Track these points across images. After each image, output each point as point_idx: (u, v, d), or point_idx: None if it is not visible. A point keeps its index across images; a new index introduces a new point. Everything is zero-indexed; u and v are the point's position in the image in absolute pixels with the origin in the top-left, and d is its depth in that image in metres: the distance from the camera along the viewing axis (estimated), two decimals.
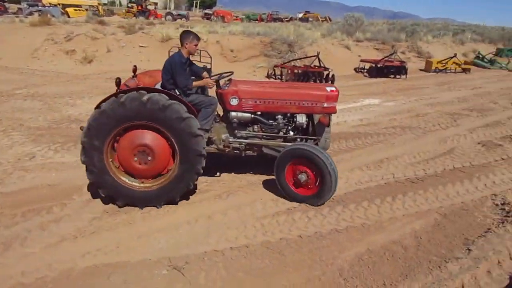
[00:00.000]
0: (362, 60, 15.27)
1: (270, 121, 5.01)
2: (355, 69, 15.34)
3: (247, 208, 4.42)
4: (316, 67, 12.84)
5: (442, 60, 16.37)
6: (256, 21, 43.93)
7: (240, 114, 4.91)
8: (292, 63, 13.51)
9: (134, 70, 4.99)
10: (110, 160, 4.17)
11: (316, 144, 4.90)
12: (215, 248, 3.62)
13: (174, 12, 41.38)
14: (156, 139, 4.15)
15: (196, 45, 4.76)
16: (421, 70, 16.50)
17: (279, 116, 5.01)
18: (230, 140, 4.90)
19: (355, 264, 3.49)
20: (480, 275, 3.38)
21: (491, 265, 3.53)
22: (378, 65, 14.44)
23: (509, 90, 12.87)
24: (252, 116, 4.94)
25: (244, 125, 5.01)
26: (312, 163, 4.35)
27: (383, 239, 3.93)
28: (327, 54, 15.39)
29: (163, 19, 34.13)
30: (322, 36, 18.55)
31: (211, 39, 15.11)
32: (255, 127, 5.05)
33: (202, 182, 4.95)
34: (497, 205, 4.82)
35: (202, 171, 4.20)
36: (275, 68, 13.19)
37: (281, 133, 5.03)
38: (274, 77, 13.14)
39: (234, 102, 4.84)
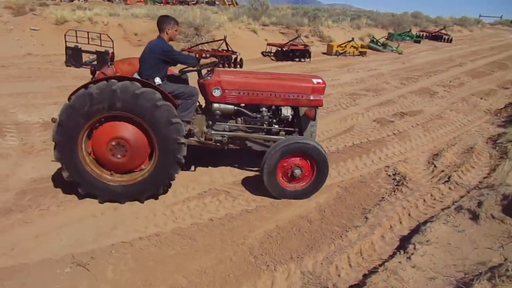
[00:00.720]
0: (268, 44, 15.58)
1: (254, 113, 4.80)
2: (262, 53, 15.61)
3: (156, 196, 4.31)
4: (224, 51, 12.82)
5: (341, 44, 17.39)
6: (161, 4, 42.33)
7: (223, 105, 4.69)
8: (200, 47, 13.32)
9: (112, 57, 4.49)
10: (85, 155, 3.95)
11: None
12: (123, 240, 3.49)
13: None
14: (133, 131, 3.94)
15: (176, 31, 4.59)
16: (323, 53, 17.37)
17: (264, 109, 4.81)
18: (212, 132, 4.69)
19: (265, 242, 3.62)
20: (375, 240, 3.73)
21: (384, 230, 3.91)
22: (284, 49, 14.87)
23: (399, 71, 14.17)
24: (236, 108, 4.73)
25: (227, 117, 4.79)
26: (310, 156, 4.31)
27: (291, 215, 4.13)
28: (234, 38, 15.44)
29: None
30: (229, 20, 18.50)
31: (113, 22, 14.23)
32: (239, 119, 4.84)
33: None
34: (389, 175, 5.34)
35: (183, 160, 4.01)
36: (182, 52, 12.88)
37: (265, 126, 4.84)
38: None
39: (217, 93, 4.60)
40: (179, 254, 3.36)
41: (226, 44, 12.79)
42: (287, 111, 4.80)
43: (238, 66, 12.73)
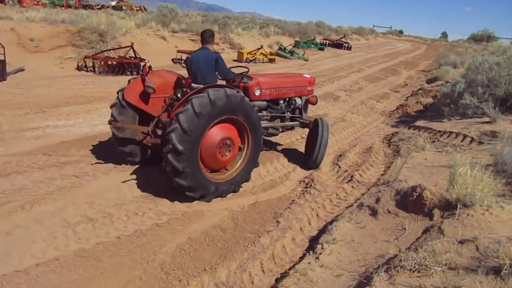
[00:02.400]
0: (179, 51, 15.36)
1: (276, 106, 6.00)
2: (172, 60, 15.35)
3: (57, 216, 3.97)
4: (132, 58, 12.35)
5: (251, 51, 17.81)
6: (62, 7, 39.55)
7: (260, 102, 5.66)
8: (105, 54, 12.66)
9: (147, 72, 5.02)
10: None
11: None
12: (17, 268, 3.14)
13: None
14: (233, 131, 4.71)
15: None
16: (234, 60, 17.59)
17: (281, 101, 6.09)
18: None
19: (177, 256, 3.52)
20: (287, 243, 3.84)
21: (295, 232, 4.04)
22: None
23: None
24: (266, 103, 5.81)
25: (259, 111, 5.51)
26: None
27: (204, 226, 4.09)
28: (143, 45, 14.98)
29: None
30: (136, 26, 17.88)
31: (4, 26, 12.89)
32: (264, 112, 5.84)
33: None
34: (299, 179, 5.55)
35: None
36: (85, 59, 12.13)
37: (286, 115, 6.16)
38: (85, 69, 12.08)
39: (257, 92, 5.57)
40: (82, 278, 3.11)
41: (134, 51, 12.34)
42: (299, 101, 6.27)
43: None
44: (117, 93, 5.10)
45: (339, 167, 5.98)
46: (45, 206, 4.11)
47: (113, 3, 50.04)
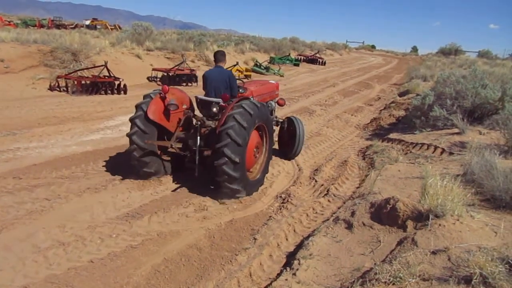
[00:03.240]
0: (154, 69, 15.33)
1: None
2: (148, 78, 15.29)
3: (26, 242, 3.84)
4: (106, 77, 12.24)
5: (227, 68, 17.92)
6: (35, 27, 38.99)
7: None
8: (78, 74, 12.50)
9: (166, 90, 5.44)
10: None
11: None
12: None
13: None
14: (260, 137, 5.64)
15: None
16: None
17: None
18: None
19: (152, 278, 3.45)
20: (264, 260, 3.82)
21: (272, 249, 4.03)
22: (170, 74, 14.77)
23: (281, 92, 14.84)
24: None
25: None
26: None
27: (179, 246, 4.03)
28: (117, 64, 14.87)
29: None
30: (111, 45, 17.78)
31: None
32: None
33: None
34: (276, 195, 5.56)
35: None
36: (58, 79, 11.94)
37: None
38: (58, 89, 11.87)
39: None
40: None
41: (108, 70, 12.24)
42: (273, 104, 7.06)
43: (122, 92, 12.24)
44: (137, 107, 5.40)
45: (316, 181, 6.02)
46: (14, 232, 3.98)
47: (87, 22, 49.82)
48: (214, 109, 5.35)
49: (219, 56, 5.80)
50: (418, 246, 3.20)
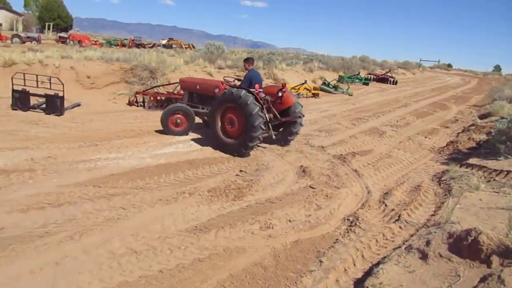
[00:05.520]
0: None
1: None
2: None
3: (103, 247, 4.07)
4: (179, 94, 12.83)
5: (295, 86, 17.99)
6: (118, 47, 42.32)
7: None
8: (155, 90, 13.26)
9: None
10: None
11: None
12: None
13: (22, 35, 37.24)
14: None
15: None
16: None
17: None
18: None
19: None
20: (330, 285, 3.69)
21: (339, 273, 3.88)
22: None
23: (349, 112, 14.76)
24: None
25: None
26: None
27: (245, 262, 4.03)
28: None
29: (9, 41, 30.44)
30: (185, 63, 18.71)
31: (65, 64, 13.93)
32: None
33: (50, 223, 4.43)
34: (343, 216, 5.39)
35: None
36: (136, 95, 12.77)
37: None
38: (136, 104, 12.69)
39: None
40: None
41: None
42: None
43: None
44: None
45: (386, 205, 5.75)
46: (92, 237, 4.24)
47: (164, 42, 53.14)
48: (280, 94, 8.43)
49: (253, 61, 9.20)
50: (505, 285, 2.89)
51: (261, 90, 8.34)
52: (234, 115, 7.77)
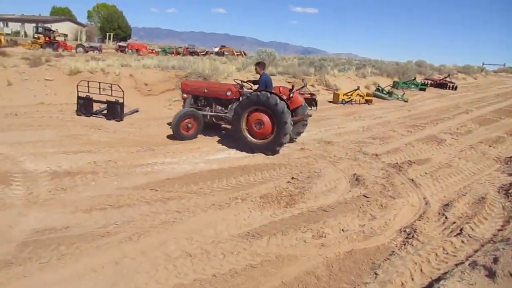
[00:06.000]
0: None
1: None
2: None
3: (159, 249, 4.21)
4: None
5: (347, 92, 17.66)
6: (172, 55, 43.92)
7: None
8: None
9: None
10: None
11: None
12: None
13: (86, 44, 39.77)
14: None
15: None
16: (329, 101, 17.60)
17: None
18: None
19: None
20: None
21: (395, 287, 3.72)
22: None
23: (405, 118, 14.23)
24: None
25: None
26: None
27: (297, 270, 3.98)
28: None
29: (73, 51, 32.60)
30: (237, 70, 19.03)
31: (124, 72, 14.67)
32: None
33: (111, 224, 4.65)
34: (399, 228, 5.18)
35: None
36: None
37: None
38: None
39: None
40: None
41: None
42: None
43: None
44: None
45: (446, 218, 5.45)
46: (150, 239, 4.39)
47: (216, 49, 54.40)
48: (291, 95, 9.01)
49: (264, 65, 9.24)
50: None
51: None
52: (262, 116, 8.11)
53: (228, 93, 9.17)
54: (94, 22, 76.13)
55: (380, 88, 20.93)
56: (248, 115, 8.29)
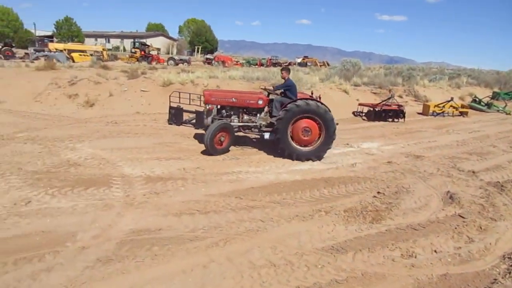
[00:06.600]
0: (360, 104, 15.45)
1: None
2: (353, 113, 15.48)
3: (244, 256, 4.28)
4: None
5: (439, 104, 16.57)
6: (256, 66, 45.04)
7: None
8: None
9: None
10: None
11: None
12: None
13: (176, 57, 42.45)
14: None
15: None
16: (418, 113, 16.66)
17: None
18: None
19: None
20: None
21: None
22: (376, 109, 14.60)
23: (508, 133, 12.93)
24: None
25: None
26: None
27: None
28: (325, 98, 15.52)
29: (165, 63, 34.99)
30: (320, 81, 18.91)
31: (212, 83, 15.38)
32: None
33: (199, 229, 4.85)
34: (503, 255, 4.68)
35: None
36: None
37: None
38: None
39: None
40: None
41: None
42: None
43: None
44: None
45: None
46: (235, 246, 4.50)
47: (299, 60, 54.63)
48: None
49: (289, 71, 9.29)
50: None
51: None
52: (310, 124, 8.28)
53: (260, 102, 8.96)
54: (184, 36, 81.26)
55: (478, 100, 19.33)
56: (293, 123, 8.33)
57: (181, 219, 5.11)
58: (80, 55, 32.69)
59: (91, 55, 33.67)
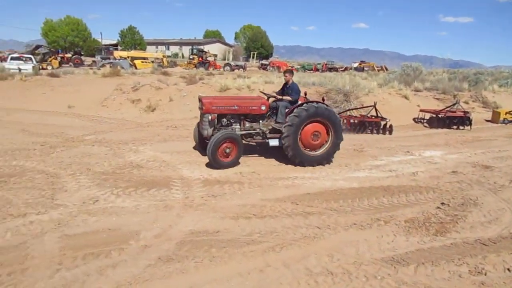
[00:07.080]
0: (421, 110, 14.79)
1: None
2: (414, 119, 14.86)
3: (301, 262, 4.23)
4: (373, 117, 12.60)
5: (511, 111, 15.44)
6: (311, 71, 44.74)
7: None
8: (348, 113, 13.40)
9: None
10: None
11: None
12: None
13: (232, 63, 43.29)
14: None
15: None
16: (487, 120, 15.63)
17: None
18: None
19: None
20: None
21: None
22: (439, 116, 13.90)
23: None
24: None
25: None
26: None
27: None
28: (384, 104, 15.13)
29: (222, 69, 35.82)
30: (378, 86, 18.37)
31: (268, 89, 15.46)
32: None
33: (255, 233, 4.88)
34: None
35: None
36: None
37: None
38: None
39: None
40: None
41: (376, 110, 12.59)
42: None
43: (387, 132, 12.29)
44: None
45: None
46: (291, 251, 4.46)
47: (355, 65, 53.56)
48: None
49: (293, 73, 9.30)
50: None
51: None
52: (318, 128, 8.12)
53: (263, 108, 8.41)
54: (240, 42, 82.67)
55: None
56: (302, 128, 8.07)
57: (238, 222, 5.16)
58: (142, 62, 34.40)
59: (152, 62, 35.31)
